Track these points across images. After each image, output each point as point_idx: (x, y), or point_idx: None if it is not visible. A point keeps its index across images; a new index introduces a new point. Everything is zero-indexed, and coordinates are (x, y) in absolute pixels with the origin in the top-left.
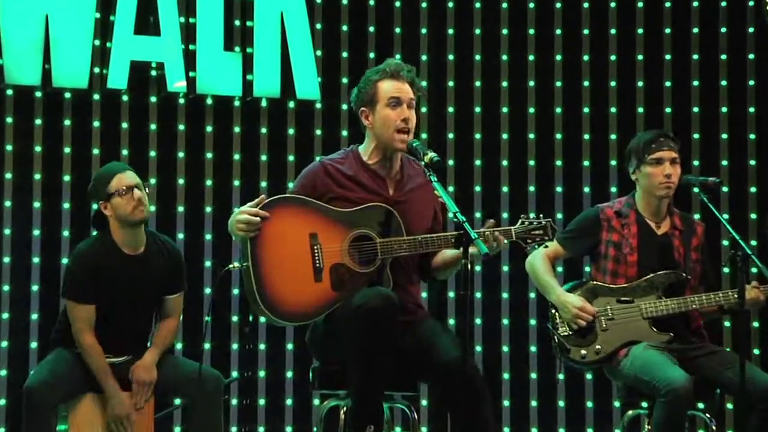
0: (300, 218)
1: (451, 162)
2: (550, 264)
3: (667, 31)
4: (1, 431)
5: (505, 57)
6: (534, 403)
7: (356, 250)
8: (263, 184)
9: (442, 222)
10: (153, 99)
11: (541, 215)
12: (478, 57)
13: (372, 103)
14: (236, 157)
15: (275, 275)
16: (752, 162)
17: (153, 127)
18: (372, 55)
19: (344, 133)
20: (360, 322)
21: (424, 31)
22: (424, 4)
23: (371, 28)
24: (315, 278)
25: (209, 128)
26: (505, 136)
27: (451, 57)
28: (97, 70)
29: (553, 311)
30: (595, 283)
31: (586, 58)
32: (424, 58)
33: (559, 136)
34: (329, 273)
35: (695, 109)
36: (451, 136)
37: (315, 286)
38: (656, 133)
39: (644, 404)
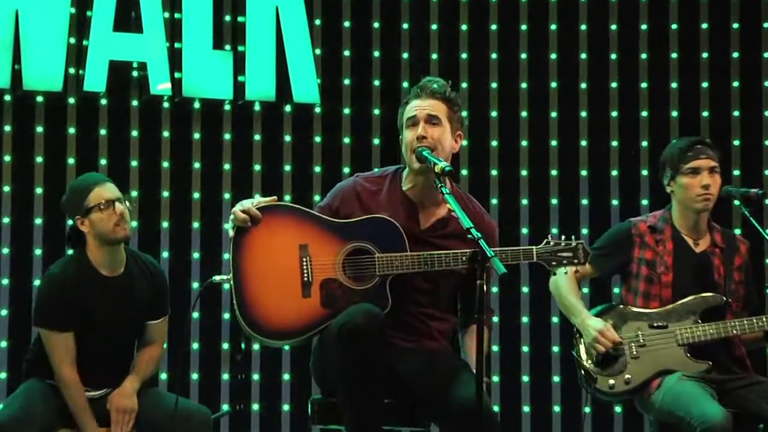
0: (291, 228)
1: (464, 171)
2: (577, 284)
3: (704, 26)
4: None
5: (524, 55)
6: None
7: (351, 265)
8: (257, 197)
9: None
10: (134, 103)
11: (572, 236)
12: (494, 55)
13: (400, 125)
14: (226, 166)
15: (259, 288)
16: None
17: (134, 133)
18: (377, 53)
19: (346, 140)
20: (343, 343)
21: (434, 26)
22: None
23: (376, 24)
24: (303, 293)
25: (197, 135)
26: (524, 142)
27: (464, 55)
28: (72, 71)
29: (579, 337)
30: (624, 306)
31: (613, 56)
32: (434, 56)
33: (584, 142)
34: (319, 288)
35: (735, 113)
36: (464, 142)
37: (302, 302)
38: (692, 140)
39: None
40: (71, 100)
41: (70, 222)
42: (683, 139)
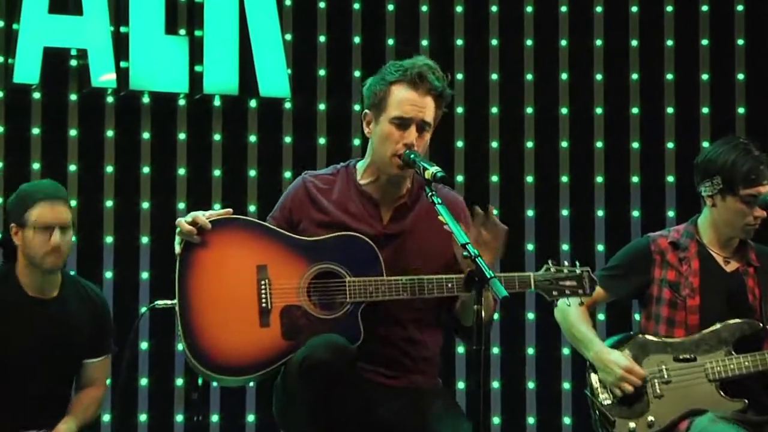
0: (248, 246)
1: (460, 178)
2: (587, 311)
3: (740, 8)
4: None
5: (529, 42)
6: None
7: (317, 290)
8: (216, 206)
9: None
10: (73, 97)
11: (577, 262)
12: (494, 41)
13: (378, 108)
14: (181, 171)
15: (209, 315)
16: None
17: (73, 132)
18: (357, 39)
19: (321, 140)
20: (305, 381)
21: (424, 8)
22: None
23: (356, 5)
24: (260, 322)
25: (146, 135)
26: (530, 144)
27: (460, 42)
28: (0, 59)
29: (592, 373)
30: (645, 335)
31: (634, 43)
32: (424, 42)
33: (599, 144)
34: (279, 316)
35: None
36: (460, 144)
37: (260, 333)
38: (758, 157)
39: None
40: None
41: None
42: (741, 150)
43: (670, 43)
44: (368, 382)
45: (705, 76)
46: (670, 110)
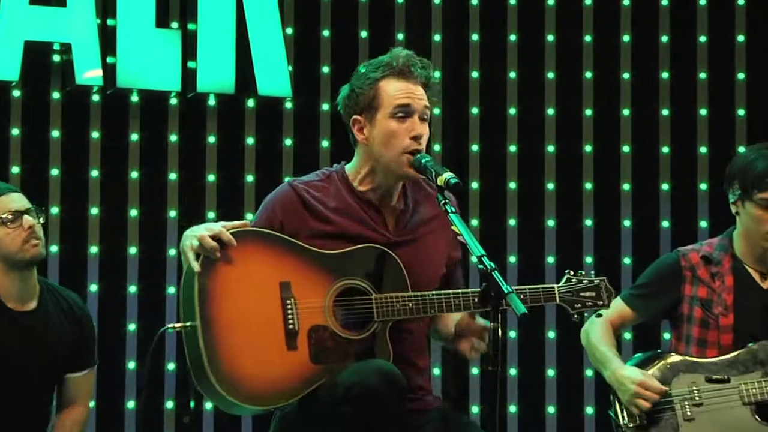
0: (268, 260)
1: (474, 184)
2: (613, 331)
3: None
4: None
5: (551, 37)
6: None
7: (343, 309)
8: (211, 214)
9: (460, 270)
10: (55, 95)
11: (592, 272)
12: (513, 37)
13: (370, 109)
14: (172, 176)
15: (233, 340)
16: None
17: (55, 134)
18: (364, 33)
19: (325, 143)
20: (355, 410)
21: (437, 0)
22: None
23: None
24: (288, 345)
25: (134, 136)
26: (550, 148)
27: (475, 36)
28: None
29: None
30: (675, 356)
31: (664, 39)
32: (437, 38)
33: (626, 148)
34: (307, 338)
35: None
36: (475, 147)
37: (288, 357)
38: None
39: None
40: None
41: None
42: (763, 150)
43: (703, 39)
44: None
45: (741, 75)
46: (703, 112)
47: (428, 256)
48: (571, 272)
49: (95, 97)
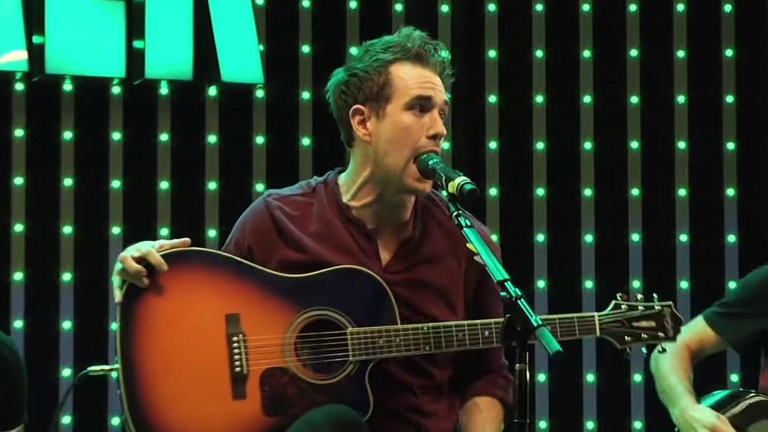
0: (213, 287)
1: (493, 191)
2: (689, 358)
3: None
4: None
5: (587, 6)
6: None
7: (309, 346)
8: (163, 230)
9: (493, 305)
10: None
11: (654, 296)
12: (540, 6)
13: (379, 99)
14: (115, 184)
15: (164, 385)
16: None
17: None
18: (354, 4)
19: (305, 141)
20: None
21: None
22: None
23: None
24: (234, 393)
25: (68, 134)
26: (588, 145)
27: (492, 7)
28: None
29: None
30: (759, 396)
31: (728, 8)
32: (444, 8)
33: (682, 144)
34: (259, 384)
35: None
36: (493, 145)
37: (234, 408)
38: None
39: None
40: None
41: None
42: None
43: None
44: None
45: None
46: None
47: (434, 300)
48: (623, 296)
49: (18, 86)
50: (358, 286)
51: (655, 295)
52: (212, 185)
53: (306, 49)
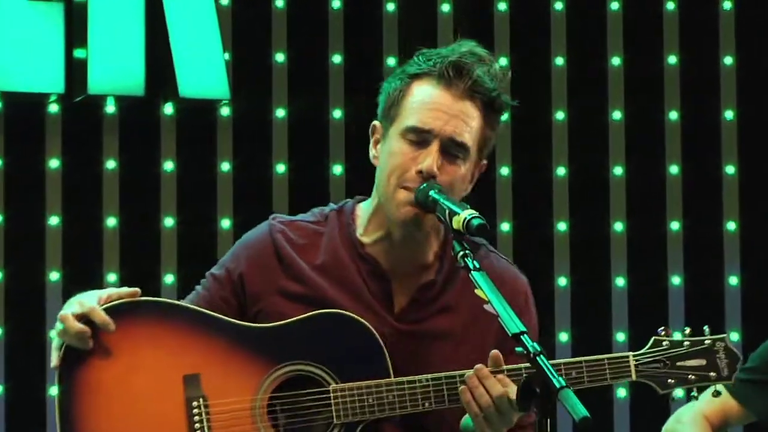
0: (169, 344)
1: (505, 226)
2: (710, 429)
3: None
4: None
5: (615, 5)
6: None
7: (285, 409)
8: (111, 276)
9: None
10: None
11: (706, 328)
12: (559, 5)
13: (390, 116)
14: (53, 221)
15: None
16: None
17: None
18: (337, 3)
19: (280, 168)
20: None
21: None
22: None
23: None
24: None
25: None
26: (618, 170)
27: (502, 6)
28: None
29: None
30: None
31: None
32: (445, 7)
33: (730, 169)
34: None
35: None
36: (505, 171)
37: None
38: None
39: None
40: None
41: None
42: None
43: None
44: None
45: None
46: None
47: (459, 358)
48: (665, 330)
49: None
50: (341, 335)
51: (706, 329)
52: (169, 221)
53: (280, 57)
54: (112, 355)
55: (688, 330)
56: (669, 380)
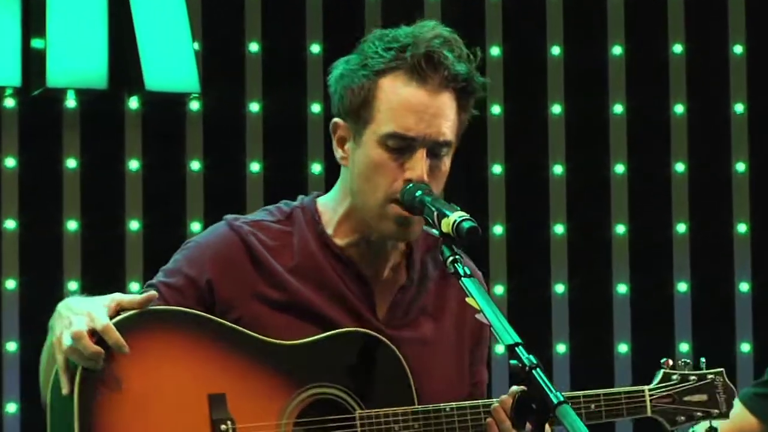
0: (191, 361)
1: (498, 229)
2: None
3: None
4: None
5: None
6: None
7: None
8: (71, 283)
9: (483, 374)
10: None
11: (702, 360)
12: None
13: (359, 117)
14: (9, 225)
15: None
16: None
17: None
18: None
19: (254, 167)
20: None
21: None
22: None
23: None
24: None
25: None
26: (619, 168)
27: None
28: None
29: None
30: None
31: None
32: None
33: (741, 167)
34: None
35: None
36: (497, 169)
37: None
38: None
39: None
40: None
41: None
42: None
43: None
44: None
45: None
46: None
47: (438, 358)
48: (670, 362)
49: None
50: (365, 356)
51: (702, 360)
52: (134, 224)
53: (254, 47)
54: (129, 376)
55: (687, 361)
56: (678, 417)
